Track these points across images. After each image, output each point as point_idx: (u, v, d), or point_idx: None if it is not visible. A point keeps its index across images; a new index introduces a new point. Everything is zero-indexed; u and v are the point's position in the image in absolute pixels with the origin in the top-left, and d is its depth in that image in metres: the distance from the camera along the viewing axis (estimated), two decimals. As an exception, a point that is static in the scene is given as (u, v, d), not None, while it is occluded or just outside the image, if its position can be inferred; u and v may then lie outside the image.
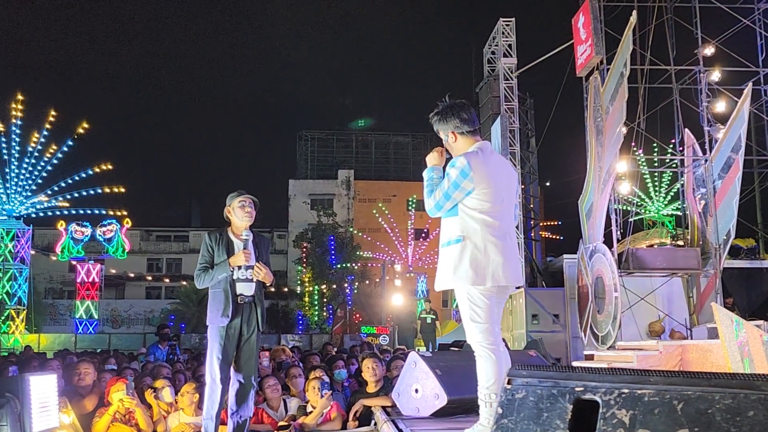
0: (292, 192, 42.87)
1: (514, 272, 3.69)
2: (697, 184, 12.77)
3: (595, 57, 12.60)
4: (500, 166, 3.81)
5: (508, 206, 3.78)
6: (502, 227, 3.70)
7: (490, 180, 3.65)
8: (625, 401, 2.10)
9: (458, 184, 3.63)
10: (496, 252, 3.63)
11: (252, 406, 5.14)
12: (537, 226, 19.13)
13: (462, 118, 3.79)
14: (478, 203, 3.64)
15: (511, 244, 3.75)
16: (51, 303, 39.18)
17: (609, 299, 11.76)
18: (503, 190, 3.73)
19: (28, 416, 4.38)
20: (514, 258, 3.73)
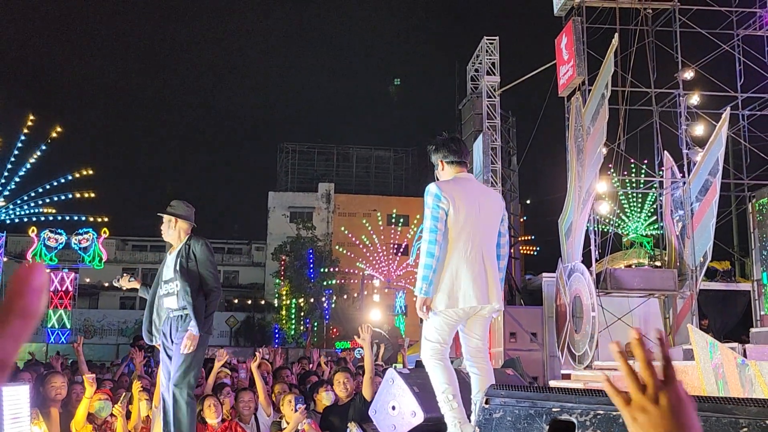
0: (272, 204, 42.71)
1: (483, 294, 3.85)
2: (675, 206, 12.91)
3: (577, 78, 12.75)
4: (477, 193, 4.01)
5: (488, 232, 3.95)
6: (477, 251, 3.86)
7: (459, 204, 3.85)
8: (600, 422, 2.11)
9: (435, 210, 3.84)
10: (468, 275, 3.81)
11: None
12: (517, 244, 19.20)
13: (450, 149, 4.07)
14: (451, 228, 3.84)
15: (486, 267, 3.91)
16: (23, 311, 38.61)
17: (586, 318, 11.83)
18: (480, 217, 3.90)
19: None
20: (491, 281, 3.91)
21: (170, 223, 5.19)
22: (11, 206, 27.56)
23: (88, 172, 27.62)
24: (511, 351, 14.01)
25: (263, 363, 9.47)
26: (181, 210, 5.18)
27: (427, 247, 3.87)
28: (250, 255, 45.49)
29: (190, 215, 5.20)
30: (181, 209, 5.18)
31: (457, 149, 4.08)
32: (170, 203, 5.26)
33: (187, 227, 5.20)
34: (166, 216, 5.16)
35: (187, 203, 5.26)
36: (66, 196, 27.74)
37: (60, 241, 28.64)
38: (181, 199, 5.32)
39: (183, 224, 5.17)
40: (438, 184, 3.93)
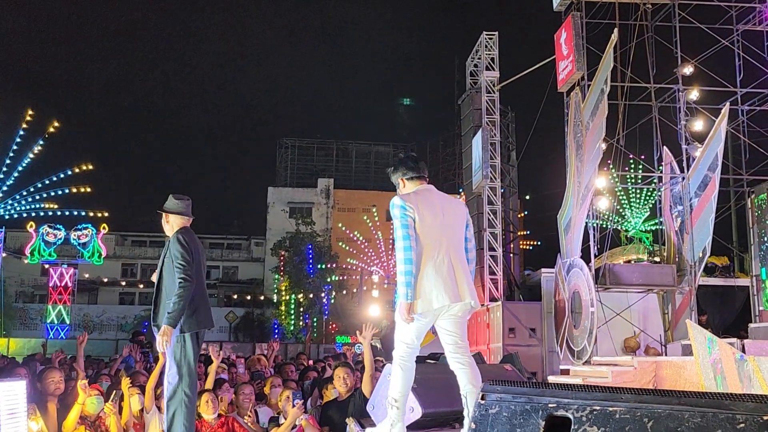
0: (271, 200, 42.70)
1: (453, 293, 4.10)
2: (674, 202, 12.90)
3: (577, 73, 12.72)
4: (441, 202, 4.29)
5: (454, 236, 4.24)
6: (444, 254, 4.13)
7: (424, 211, 4.14)
8: (596, 418, 2.10)
9: (403, 219, 4.09)
10: (436, 276, 4.08)
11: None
12: (516, 240, 19.20)
13: (408, 166, 4.38)
14: (419, 233, 4.11)
15: (455, 267, 4.17)
16: (21, 307, 38.64)
17: (585, 314, 11.82)
18: (445, 223, 4.20)
19: (-6, 423, 4.31)
20: (461, 279, 4.16)
21: (164, 218, 5.22)
22: (10, 201, 27.54)
23: (88, 167, 27.56)
24: (509, 346, 14.01)
25: (261, 358, 9.48)
26: (172, 204, 5.18)
27: (403, 255, 4.10)
28: (249, 250, 45.50)
29: (181, 209, 5.18)
30: (172, 204, 5.18)
31: (414, 166, 4.37)
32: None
33: (179, 221, 5.18)
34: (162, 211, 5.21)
35: (180, 197, 5.24)
36: (63, 191, 27.69)
37: (59, 237, 28.61)
38: (179, 193, 5.30)
39: (174, 219, 5.18)
40: (401, 196, 4.21)
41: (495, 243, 16.31)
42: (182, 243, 4.93)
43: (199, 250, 5.15)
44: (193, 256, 4.94)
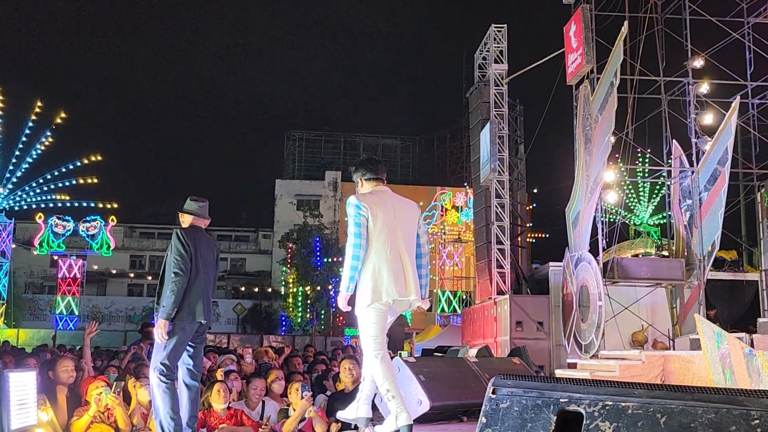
0: (279, 192, 42.71)
1: (402, 288, 4.35)
2: (683, 196, 12.84)
3: (586, 66, 12.66)
4: (394, 202, 4.54)
5: (406, 235, 4.48)
6: (395, 251, 4.38)
7: (376, 211, 4.38)
8: (608, 413, 2.09)
9: (357, 218, 4.35)
10: (388, 272, 4.32)
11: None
12: (524, 233, 19.15)
13: (367, 167, 4.68)
14: (372, 232, 4.36)
15: (405, 265, 4.42)
16: (31, 298, 38.83)
17: (593, 308, 11.80)
18: (397, 221, 4.45)
19: (6, 413, 4.33)
20: (409, 277, 4.40)
21: (180, 217, 5.43)
22: (20, 192, 27.65)
23: (97, 158, 27.62)
24: (517, 340, 14.01)
25: (269, 351, 9.50)
26: (186, 205, 5.41)
27: (352, 251, 4.35)
28: (257, 242, 45.55)
29: (193, 209, 5.37)
30: (187, 204, 5.42)
31: (373, 167, 4.67)
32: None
33: (190, 219, 5.37)
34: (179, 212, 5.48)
35: (196, 198, 5.45)
36: (71, 182, 27.78)
37: (67, 228, 28.74)
38: (190, 188, 5.41)
39: (186, 217, 5.39)
40: (357, 196, 4.48)
41: (503, 236, 16.27)
42: (179, 238, 5.11)
43: (203, 246, 5.27)
44: (190, 252, 5.08)
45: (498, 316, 15.53)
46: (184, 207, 5.40)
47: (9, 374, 4.51)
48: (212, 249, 5.44)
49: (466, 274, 31.49)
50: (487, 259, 16.59)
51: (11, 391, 4.43)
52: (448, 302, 30.73)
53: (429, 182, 41.21)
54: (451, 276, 32.30)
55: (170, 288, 4.98)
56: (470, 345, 15.05)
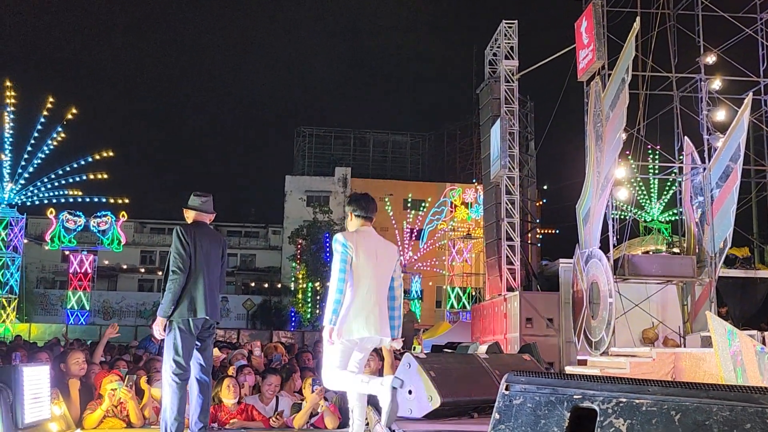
0: (289, 188, 42.78)
1: (372, 326, 4.59)
2: (695, 192, 12.78)
3: (597, 62, 12.60)
4: (377, 245, 4.77)
5: (382, 278, 4.73)
6: (370, 291, 4.63)
7: (360, 252, 4.63)
8: (623, 410, 2.09)
9: (343, 255, 4.58)
10: (363, 311, 4.57)
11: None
12: (534, 230, 19.10)
13: (360, 205, 4.84)
14: (353, 273, 4.60)
15: (380, 306, 4.68)
16: (42, 293, 39.06)
17: (603, 305, 11.77)
18: (378, 264, 4.69)
19: (20, 407, 4.36)
20: (382, 317, 4.68)
21: (185, 213, 5.48)
22: (31, 188, 27.80)
23: (109, 153, 27.73)
24: (527, 336, 13.98)
25: (278, 346, 9.52)
26: (190, 201, 5.45)
27: (336, 285, 4.58)
28: (266, 238, 45.65)
29: (195, 204, 5.42)
30: (190, 200, 5.45)
31: (365, 206, 4.85)
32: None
33: (193, 215, 5.43)
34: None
35: (199, 194, 5.47)
36: (81, 177, 27.89)
37: (78, 223, 28.87)
38: (197, 183, 5.45)
39: (189, 213, 5.45)
40: (344, 234, 4.70)
41: (513, 233, 16.24)
42: (178, 235, 5.17)
43: (207, 242, 5.29)
44: (189, 249, 5.13)
45: (508, 312, 15.51)
46: (187, 203, 5.43)
47: (23, 368, 4.55)
48: (218, 244, 5.45)
49: (475, 271, 31.45)
50: (497, 255, 16.56)
51: (25, 385, 4.47)
52: (458, 298, 30.71)
53: (439, 179, 41.20)
54: (460, 272, 32.27)
55: (167, 286, 5.06)
56: (480, 341, 15.03)
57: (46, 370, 4.91)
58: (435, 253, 36.77)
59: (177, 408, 4.94)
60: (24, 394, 4.44)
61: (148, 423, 6.10)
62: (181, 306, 5.07)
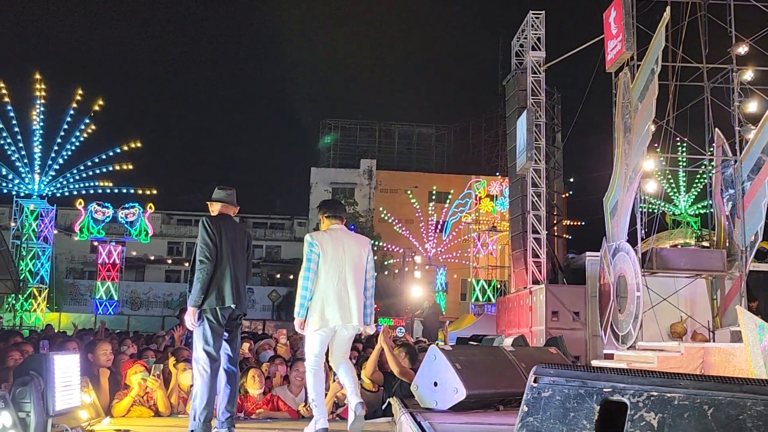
0: (314, 180, 42.91)
1: (345, 315, 5.06)
2: (726, 185, 12.58)
3: (626, 53, 12.43)
4: (344, 239, 5.29)
5: (354, 268, 5.19)
6: (342, 282, 5.10)
7: (327, 248, 5.15)
8: (654, 404, 2.06)
9: (309, 254, 5.13)
10: (334, 301, 5.03)
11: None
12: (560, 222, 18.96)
13: (329, 207, 5.52)
14: (321, 266, 5.11)
15: (350, 295, 5.11)
16: (72, 283, 39.63)
17: (631, 298, 11.65)
18: (346, 256, 5.18)
19: (51, 394, 4.43)
20: (353, 306, 5.10)
21: (210, 207, 5.57)
22: (61, 179, 28.19)
23: (137, 144, 28.00)
24: (552, 330, 13.91)
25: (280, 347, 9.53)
26: (214, 194, 5.56)
27: (302, 282, 5.11)
28: (292, 230, 45.86)
29: (220, 196, 5.53)
30: (214, 193, 5.56)
31: (333, 207, 5.51)
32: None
33: (218, 208, 5.51)
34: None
35: (224, 187, 5.59)
36: (108, 169, 28.21)
37: (107, 215, 29.24)
38: (223, 177, 5.54)
39: (214, 206, 5.53)
40: (311, 234, 5.25)
41: (538, 225, 16.14)
42: (204, 226, 5.27)
43: (231, 233, 5.35)
44: (215, 239, 5.21)
45: (533, 305, 15.43)
46: (212, 196, 5.52)
47: (54, 357, 4.62)
48: (243, 236, 5.52)
49: (500, 263, 31.32)
50: (523, 248, 16.48)
51: (56, 374, 4.53)
52: (483, 291, 30.60)
53: (463, 171, 41.03)
54: (485, 265, 32.16)
55: (195, 276, 5.14)
56: (505, 334, 14.97)
57: (76, 358, 4.98)
58: (460, 245, 36.67)
59: (207, 397, 4.99)
60: (55, 382, 4.51)
61: (174, 412, 6.17)
62: (209, 296, 5.13)
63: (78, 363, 4.96)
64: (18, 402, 4.30)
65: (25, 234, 27.17)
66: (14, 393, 4.31)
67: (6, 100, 26.18)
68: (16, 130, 26.79)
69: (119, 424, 5.49)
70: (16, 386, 4.36)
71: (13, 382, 4.46)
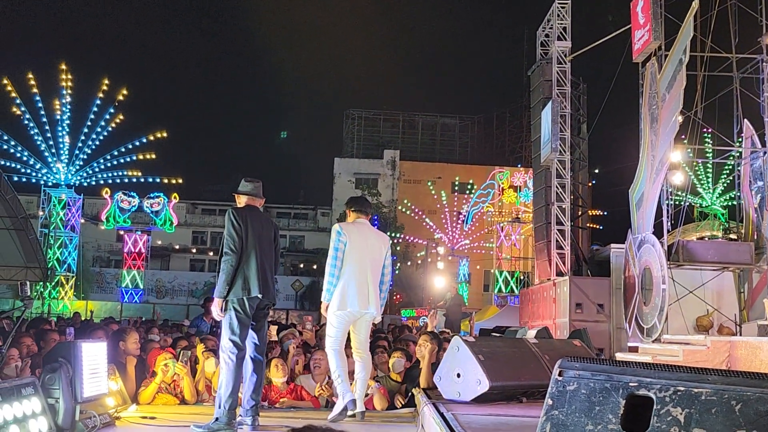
0: (338, 170, 42.97)
1: (364, 302, 5.45)
2: (754, 177, 12.41)
3: (653, 42, 12.28)
4: (368, 233, 5.68)
5: (373, 261, 5.58)
6: (363, 272, 5.48)
7: (353, 238, 5.50)
8: (680, 399, 2.05)
9: (337, 243, 5.47)
10: (355, 287, 5.41)
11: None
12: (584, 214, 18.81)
13: (356, 203, 5.85)
14: (345, 254, 5.45)
15: (369, 284, 5.49)
16: (98, 271, 40.13)
17: (656, 291, 11.55)
18: (368, 249, 5.56)
19: (79, 381, 4.49)
20: (371, 294, 5.49)
21: (237, 199, 5.63)
22: (87, 169, 28.52)
23: (163, 135, 28.24)
24: (576, 322, 13.81)
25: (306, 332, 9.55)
26: (240, 186, 5.60)
27: (329, 270, 5.48)
28: (315, 220, 45.99)
29: (247, 189, 5.56)
30: (241, 185, 5.60)
31: (360, 203, 5.86)
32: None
33: (245, 200, 5.56)
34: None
35: (250, 179, 5.62)
36: (132, 158, 28.47)
37: (133, 204, 29.57)
38: (247, 167, 5.60)
39: (241, 198, 5.58)
40: (340, 225, 5.62)
41: (563, 217, 16.02)
42: (230, 218, 5.30)
43: (258, 224, 5.37)
44: (241, 231, 5.23)
45: (557, 297, 15.35)
46: (238, 188, 5.55)
47: (82, 344, 4.68)
48: (269, 227, 5.55)
49: (524, 255, 31.18)
50: (547, 239, 16.37)
51: (84, 361, 4.60)
52: (506, 282, 30.51)
53: (487, 162, 40.83)
54: (508, 256, 32.04)
55: (221, 267, 5.21)
56: (528, 326, 14.92)
57: (103, 346, 5.04)
58: (483, 236, 36.56)
59: (232, 386, 5.04)
60: (83, 370, 4.57)
61: (200, 400, 6.23)
62: (235, 286, 5.16)
63: (105, 351, 5.03)
64: (47, 388, 4.37)
65: (53, 223, 27.57)
66: (43, 379, 4.39)
67: (34, 90, 26.51)
68: (44, 121, 27.14)
69: (145, 412, 5.55)
70: (45, 373, 4.44)
71: (43, 368, 4.53)
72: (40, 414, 4.18)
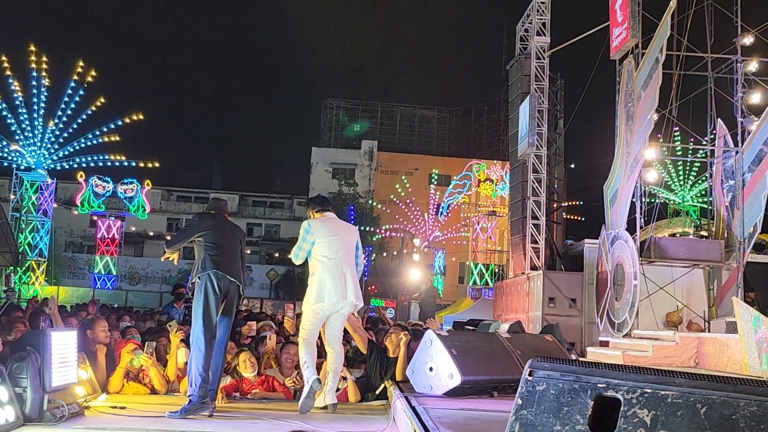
0: (315, 160, 42.86)
1: (342, 294, 5.54)
2: (726, 176, 12.57)
3: (631, 40, 12.36)
4: (336, 227, 5.83)
5: (346, 251, 5.72)
6: (337, 264, 5.60)
7: (323, 234, 5.66)
8: (647, 401, 2.07)
9: (304, 238, 5.67)
10: (331, 281, 5.53)
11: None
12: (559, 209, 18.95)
13: (315, 202, 5.99)
14: (318, 250, 5.61)
15: (346, 275, 5.61)
16: (71, 256, 39.69)
17: (628, 287, 11.68)
18: (339, 241, 5.70)
19: (48, 370, 4.44)
20: (348, 284, 5.60)
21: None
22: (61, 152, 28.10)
23: (139, 117, 27.80)
24: (549, 316, 13.94)
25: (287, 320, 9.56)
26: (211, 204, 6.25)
27: (293, 253, 5.75)
28: (291, 209, 45.86)
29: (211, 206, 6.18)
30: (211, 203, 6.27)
31: (320, 202, 5.97)
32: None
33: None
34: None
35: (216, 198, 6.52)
36: (96, 141, 27.99)
37: (107, 189, 29.24)
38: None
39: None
40: (309, 221, 5.79)
41: (538, 211, 16.13)
42: (192, 220, 6.04)
43: (223, 224, 5.89)
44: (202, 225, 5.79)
45: (530, 291, 15.46)
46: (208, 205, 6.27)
47: (51, 333, 4.62)
48: (234, 228, 6.05)
49: (499, 248, 31.37)
50: (522, 233, 16.48)
51: (53, 350, 4.54)
52: (480, 275, 30.68)
53: (464, 154, 40.96)
54: (483, 249, 32.20)
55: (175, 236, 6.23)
56: (502, 319, 15.01)
57: (73, 335, 4.99)
58: (459, 228, 36.71)
59: (202, 364, 5.24)
60: (52, 358, 4.52)
61: (170, 390, 6.18)
62: (204, 264, 5.55)
63: (75, 339, 4.97)
64: (15, 377, 4.31)
65: (25, 207, 27.15)
66: (11, 368, 4.33)
67: (7, 73, 26.02)
68: (18, 103, 26.67)
69: (115, 401, 5.50)
70: (12, 361, 4.38)
71: (10, 357, 4.47)
72: (6, 403, 4.13)
